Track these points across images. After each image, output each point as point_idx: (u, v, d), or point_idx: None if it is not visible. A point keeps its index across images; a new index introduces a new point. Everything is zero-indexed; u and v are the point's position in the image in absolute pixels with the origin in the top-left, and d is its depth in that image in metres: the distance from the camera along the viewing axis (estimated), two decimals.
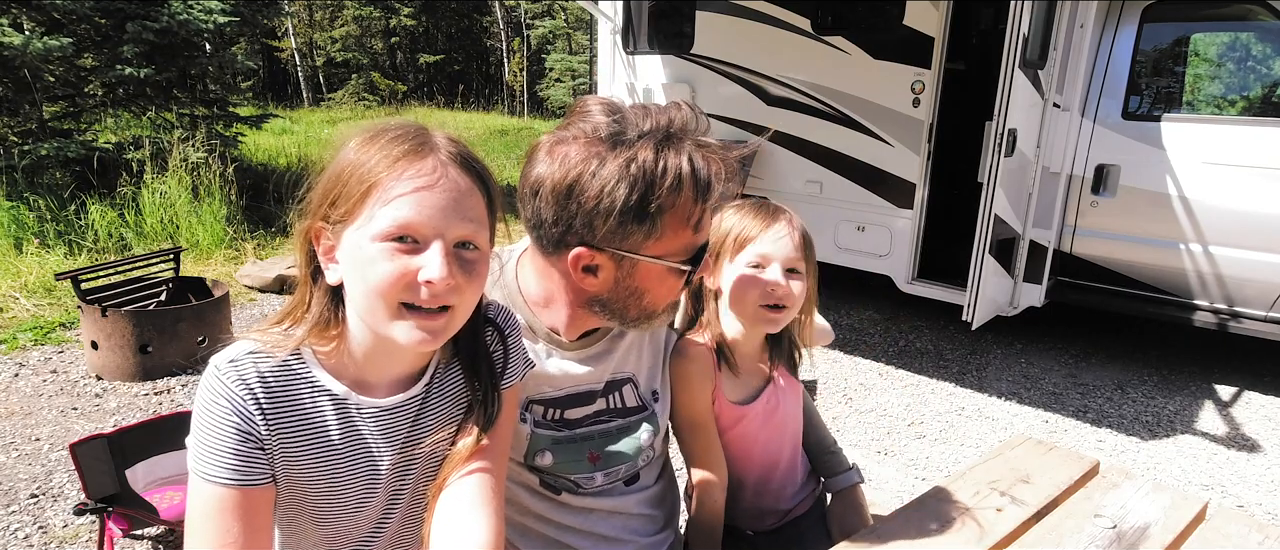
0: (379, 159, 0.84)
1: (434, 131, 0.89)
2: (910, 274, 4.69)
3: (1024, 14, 3.32)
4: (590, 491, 1.23)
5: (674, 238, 1.05)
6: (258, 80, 20.92)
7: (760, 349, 1.39)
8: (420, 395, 0.97)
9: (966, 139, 4.64)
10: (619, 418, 1.23)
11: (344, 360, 0.92)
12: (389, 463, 0.96)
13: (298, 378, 0.90)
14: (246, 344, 0.89)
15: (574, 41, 25.94)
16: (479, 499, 0.93)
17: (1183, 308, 4.11)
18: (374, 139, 0.87)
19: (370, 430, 0.94)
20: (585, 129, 1.02)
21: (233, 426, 0.85)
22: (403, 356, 0.94)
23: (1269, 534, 1.23)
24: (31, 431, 3.11)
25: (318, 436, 0.91)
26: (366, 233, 0.82)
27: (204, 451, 0.85)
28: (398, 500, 0.99)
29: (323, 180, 0.87)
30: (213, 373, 0.86)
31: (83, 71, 6.62)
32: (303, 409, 0.90)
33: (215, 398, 0.85)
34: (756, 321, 1.30)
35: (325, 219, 0.86)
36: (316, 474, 0.92)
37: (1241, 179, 3.83)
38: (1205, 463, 3.31)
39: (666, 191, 1.00)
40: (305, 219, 0.89)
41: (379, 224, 0.82)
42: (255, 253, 5.90)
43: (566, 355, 1.19)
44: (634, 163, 0.99)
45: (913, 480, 3.08)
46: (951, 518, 1.25)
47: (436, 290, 0.82)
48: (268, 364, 0.88)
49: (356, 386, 0.93)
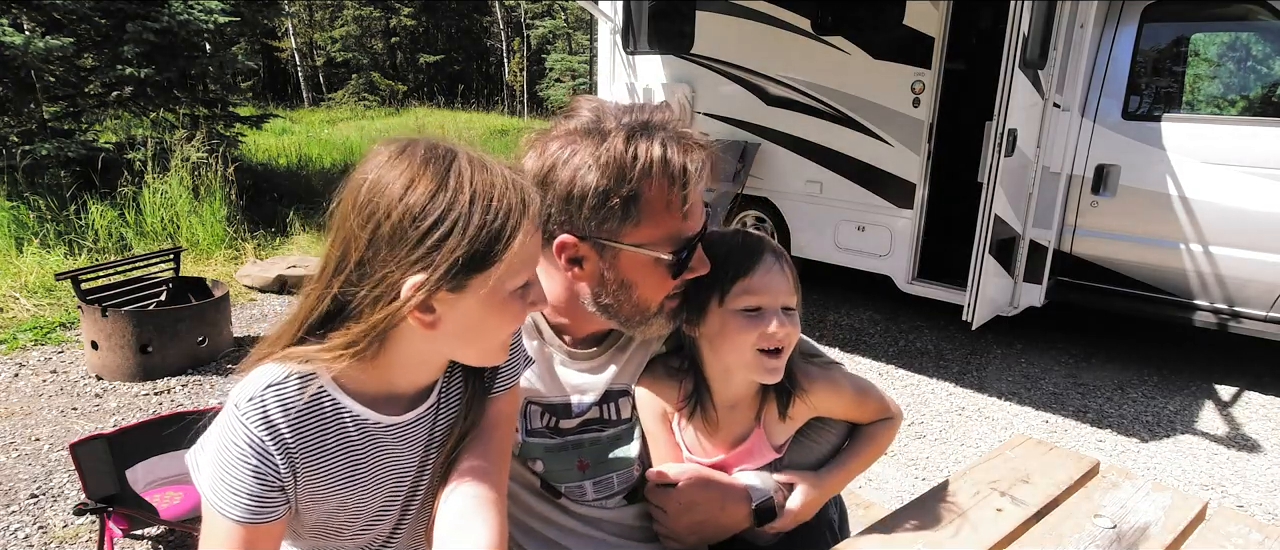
0: (504, 214, 0.82)
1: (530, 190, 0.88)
2: (910, 274, 4.69)
3: (1024, 14, 3.32)
4: (584, 502, 1.23)
5: (654, 226, 1.05)
6: (258, 80, 20.91)
7: (750, 399, 1.22)
8: (435, 404, 0.98)
9: (966, 139, 4.64)
10: (611, 427, 1.23)
11: (370, 380, 0.90)
12: (410, 475, 0.96)
13: (321, 405, 0.88)
14: (264, 375, 0.85)
15: (574, 41, 25.95)
16: (482, 501, 0.93)
17: (1183, 308, 4.11)
18: (481, 196, 0.81)
19: (393, 446, 0.94)
20: (567, 124, 1.06)
21: (251, 470, 0.83)
22: (435, 368, 0.94)
23: (1269, 534, 1.23)
24: (31, 431, 3.11)
25: (343, 458, 0.90)
26: (490, 288, 0.83)
27: (221, 487, 0.83)
28: (412, 508, 0.99)
29: (442, 232, 0.79)
30: (232, 412, 0.83)
31: (83, 71, 6.62)
32: (326, 436, 0.88)
33: (233, 438, 0.83)
34: (755, 370, 1.14)
35: (452, 281, 0.80)
36: (339, 497, 0.91)
37: (1241, 179, 3.83)
38: (1205, 463, 3.31)
39: (638, 177, 1.01)
40: (424, 271, 0.79)
41: (511, 281, 0.85)
42: (255, 253, 5.90)
43: (570, 363, 1.19)
44: (605, 150, 1.01)
45: (913, 480, 3.08)
46: (951, 518, 1.24)
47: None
48: (289, 395, 0.85)
49: (375, 404, 0.92)
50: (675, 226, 1.06)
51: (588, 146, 1.02)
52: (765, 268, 1.13)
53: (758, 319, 1.12)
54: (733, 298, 1.13)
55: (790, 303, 1.14)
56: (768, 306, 1.12)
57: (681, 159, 1.04)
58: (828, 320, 5.04)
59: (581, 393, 1.20)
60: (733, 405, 1.22)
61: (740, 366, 1.16)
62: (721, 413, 1.21)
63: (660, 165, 1.02)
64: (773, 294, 1.13)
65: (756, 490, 1.20)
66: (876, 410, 1.30)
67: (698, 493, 1.19)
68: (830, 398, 1.25)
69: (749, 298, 1.12)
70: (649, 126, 1.05)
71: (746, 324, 1.12)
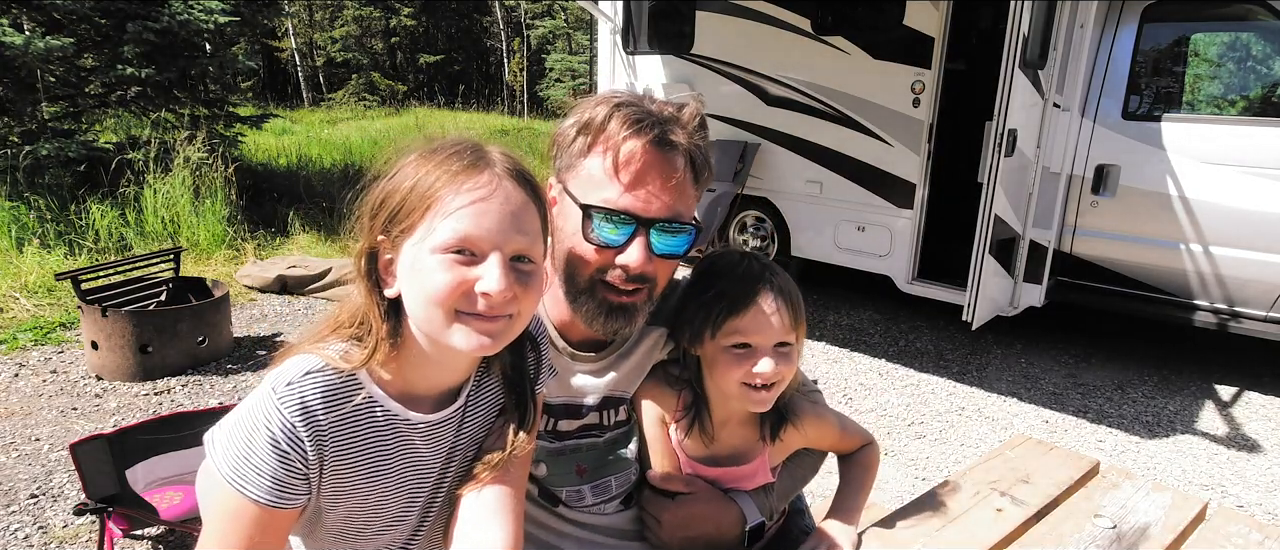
0: (438, 174, 0.85)
1: (490, 147, 0.91)
2: (910, 274, 4.69)
3: (1024, 14, 3.32)
4: (582, 508, 1.24)
5: (590, 176, 1.06)
6: (258, 80, 20.91)
7: (746, 416, 1.23)
8: (463, 406, 0.98)
9: (966, 139, 4.64)
10: (609, 432, 1.24)
11: (397, 375, 0.92)
12: (433, 476, 0.97)
13: (355, 396, 0.89)
14: (303, 362, 0.87)
15: (574, 41, 25.96)
16: (499, 505, 0.95)
17: (1183, 308, 4.11)
18: (432, 155, 0.87)
19: (419, 445, 0.95)
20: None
21: (279, 454, 0.83)
22: (455, 367, 0.95)
23: (1269, 534, 1.23)
24: (31, 431, 3.11)
25: (373, 454, 0.91)
26: (426, 245, 0.83)
27: (243, 466, 0.83)
28: (431, 511, 1.00)
29: (379, 197, 0.87)
30: (269, 394, 0.84)
31: (83, 71, 6.62)
32: (358, 428, 0.89)
33: (267, 419, 0.83)
34: (742, 401, 1.15)
35: (385, 234, 0.87)
36: (365, 490, 0.92)
37: (1241, 179, 3.83)
38: (1205, 463, 3.31)
39: (598, 123, 1.06)
40: (362, 237, 0.89)
41: (439, 237, 0.83)
42: (255, 253, 5.90)
43: (572, 365, 1.19)
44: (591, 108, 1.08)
45: (913, 480, 3.08)
46: (952, 518, 1.25)
47: (494, 302, 0.83)
48: (327, 383, 0.87)
49: (406, 401, 0.93)
50: (603, 182, 1.05)
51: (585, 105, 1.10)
52: (756, 310, 1.10)
53: (747, 356, 1.11)
54: (723, 334, 1.12)
55: (786, 340, 1.12)
56: (759, 345, 1.11)
57: (642, 107, 1.06)
58: (828, 320, 5.04)
59: (582, 396, 1.20)
60: (729, 421, 1.23)
61: (731, 396, 1.17)
62: (717, 427, 1.22)
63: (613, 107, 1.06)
64: (764, 334, 1.11)
65: (751, 511, 1.22)
66: (858, 438, 1.36)
67: (697, 507, 1.21)
68: (819, 429, 1.29)
69: (738, 337, 1.11)
70: (634, 103, 1.07)
71: (735, 361, 1.12)
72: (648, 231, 1.05)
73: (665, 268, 1.11)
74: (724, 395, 1.18)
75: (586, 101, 1.10)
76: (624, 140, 1.04)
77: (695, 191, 1.11)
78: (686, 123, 1.08)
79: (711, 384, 1.19)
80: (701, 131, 1.10)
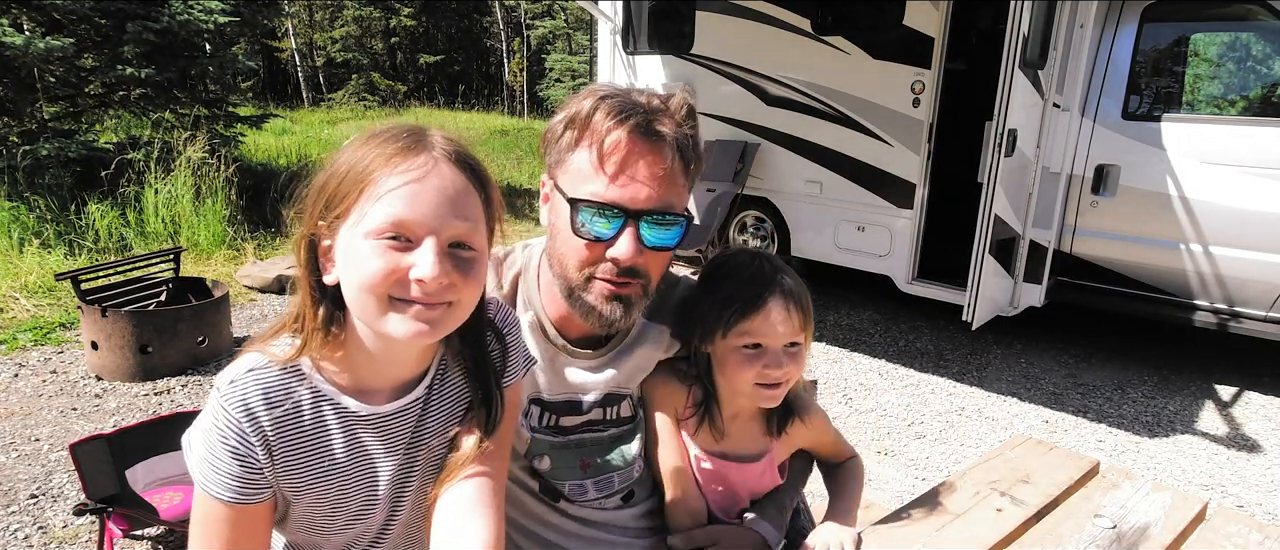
0: (374, 157, 0.83)
1: (431, 130, 0.88)
2: (910, 274, 4.69)
3: (1024, 14, 3.32)
4: (584, 503, 1.24)
5: (578, 170, 1.05)
6: (258, 80, 20.90)
7: (755, 411, 1.27)
8: (421, 398, 0.96)
9: (966, 139, 4.64)
10: (613, 427, 1.24)
11: (345, 367, 0.91)
12: (391, 471, 0.95)
13: (300, 390, 0.88)
14: (248, 359, 0.88)
15: (574, 41, 25.96)
16: (479, 500, 0.93)
17: (1183, 308, 4.11)
18: (370, 139, 0.86)
19: (373, 438, 0.93)
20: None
21: (230, 450, 0.85)
22: (405, 358, 0.93)
23: (1269, 534, 1.23)
24: (31, 432, 3.11)
25: (321, 449, 0.90)
26: (360, 230, 0.81)
27: (205, 467, 0.86)
28: (399, 508, 0.98)
29: (319, 181, 0.86)
30: (215, 393, 0.86)
31: (83, 71, 6.62)
32: (305, 422, 0.89)
33: (215, 419, 0.85)
34: (753, 398, 1.19)
35: (323, 219, 0.85)
36: (320, 486, 0.91)
37: (1241, 179, 3.83)
38: (1205, 463, 3.31)
39: (584, 115, 1.04)
40: (303, 223, 0.87)
41: (371, 221, 0.80)
42: (255, 253, 5.90)
43: (572, 362, 1.19)
44: (578, 101, 1.07)
45: (913, 480, 3.08)
46: (951, 518, 1.25)
47: (428, 289, 0.81)
48: (269, 379, 0.87)
49: (358, 394, 0.92)
50: (591, 175, 1.04)
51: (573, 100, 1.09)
52: (768, 313, 1.13)
53: (758, 357, 1.15)
54: (733, 335, 1.15)
55: (796, 340, 1.15)
56: (769, 346, 1.14)
57: (627, 98, 1.05)
58: (828, 320, 5.04)
59: (583, 392, 1.20)
60: (739, 416, 1.26)
61: (741, 394, 1.20)
62: (727, 423, 1.25)
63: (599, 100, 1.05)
64: (775, 336, 1.14)
65: (772, 536, 1.25)
66: (846, 447, 1.38)
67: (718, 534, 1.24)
68: (821, 424, 1.32)
69: (749, 338, 1.14)
70: (619, 94, 1.07)
71: (745, 360, 1.15)
72: (637, 223, 1.03)
73: (657, 261, 1.09)
74: (734, 391, 1.21)
75: (575, 96, 1.09)
76: (609, 131, 1.02)
77: (685, 182, 1.09)
78: (674, 112, 1.06)
79: (722, 380, 1.21)
80: (690, 121, 1.07)
